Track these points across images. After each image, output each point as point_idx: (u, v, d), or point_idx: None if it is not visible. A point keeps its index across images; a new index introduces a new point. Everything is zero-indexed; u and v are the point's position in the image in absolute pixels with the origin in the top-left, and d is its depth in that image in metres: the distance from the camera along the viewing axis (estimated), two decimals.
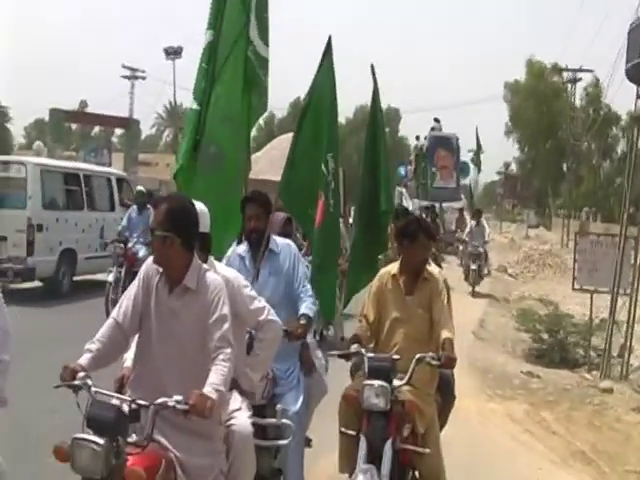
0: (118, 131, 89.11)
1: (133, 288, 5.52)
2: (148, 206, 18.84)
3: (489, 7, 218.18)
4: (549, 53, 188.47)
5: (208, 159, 8.03)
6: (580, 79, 76.19)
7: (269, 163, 25.18)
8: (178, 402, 4.85)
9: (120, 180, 25.21)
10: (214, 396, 4.87)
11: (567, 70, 76.25)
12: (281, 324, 6.52)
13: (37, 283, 21.36)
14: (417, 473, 7.05)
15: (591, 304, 18.04)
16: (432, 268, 7.48)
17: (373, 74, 9.84)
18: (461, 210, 40.53)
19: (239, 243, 7.84)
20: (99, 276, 22.85)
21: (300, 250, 8.47)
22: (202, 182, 7.89)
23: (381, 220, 10.21)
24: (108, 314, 6.24)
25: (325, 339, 14.25)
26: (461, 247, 32.00)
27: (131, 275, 16.71)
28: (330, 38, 8.53)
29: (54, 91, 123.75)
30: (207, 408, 4.78)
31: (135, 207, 19.73)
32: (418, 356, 6.65)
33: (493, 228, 68.43)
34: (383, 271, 7.58)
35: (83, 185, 22.59)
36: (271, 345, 6.40)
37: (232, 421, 5.83)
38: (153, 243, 5.30)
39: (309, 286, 7.57)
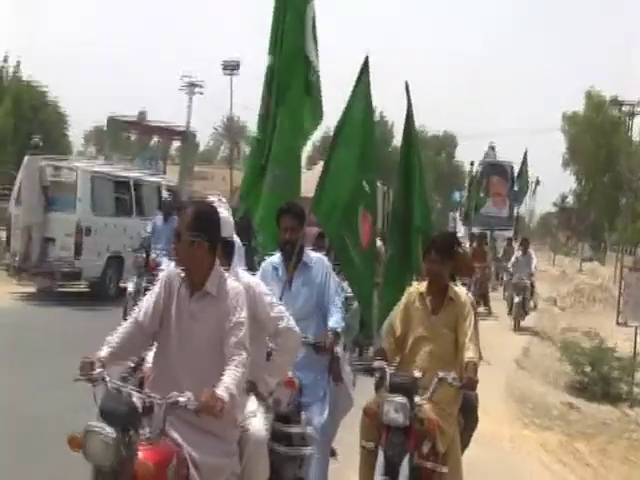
0: (176, 143, 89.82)
1: (155, 290, 5.61)
2: (174, 216, 18.59)
3: (547, 37, 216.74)
4: (608, 85, 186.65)
5: (274, 181, 8.82)
6: (638, 113, 75.52)
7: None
8: (189, 399, 4.92)
9: (171, 190, 25.41)
10: (225, 397, 4.93)
11: (625, 104, 75.70)
12: (299, 333, 6.57)
13: (84, 288, 21.60)
14: None
15: (635, 339, 17.81)
16: (459, 289, 7.45)
17: (407, 92, 9.81)
18: (510, 239, 38.51)
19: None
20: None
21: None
22: (268, 201, 8.61)
23: (412, 237, 10.05)
24: None
25: (364, 357, 14.14)
26: (505, 278, 30.67)
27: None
28: (367, 58, 8.60)
29: (116, 100, 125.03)
30: (217, 408, 4.85)
31: (160, 215, 19.17)
32: (440, 375, 6.64)
33: (546, 260, 68.27)
34: (412, 288, 7.59)
35: (132, 192, 22.82)
36: (289, 352, 6.48)
37: (247, 424, 5.87)
38: (180, 246, 5.37)
39: (339, 300, 7.67)
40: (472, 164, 52.73)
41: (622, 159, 73.93)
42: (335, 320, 7.46)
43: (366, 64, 8.62)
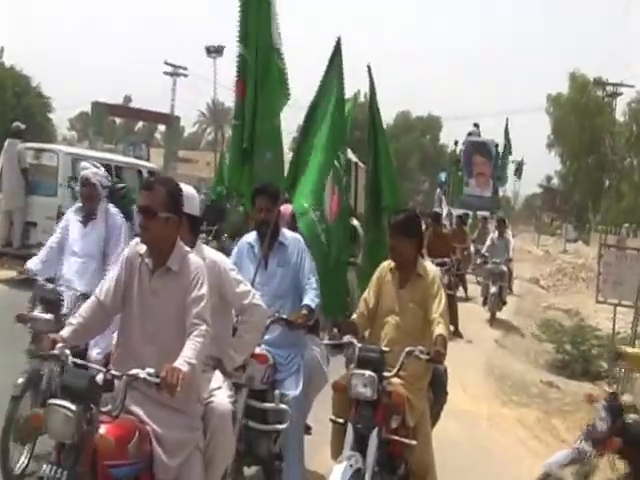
0: (162, 127, 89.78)
1: (116, 269, 5.68)
2: None
3: (533, 20, 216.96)
4: (593, 67, 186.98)
5: (265, 164, 9.05)
6: (621, 94, 75.80)
7: None
8: (150, 374, 4.97)
9: (152, 173, 25.38)
10: (185, 368, 4.96)
11: (609, 84, 75.94)
12: (265, 309, 6.56)
13: None
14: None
15: (614, 317, 17.89)
16: (429, 265, 7.47)
17: (370, 74, 9.94)
18: (485, 219, 34.77)
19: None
20: None
21: None
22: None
23: (383, 216, 10.15)
24: None
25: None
26: (479, 262, 26.76)
27: None
28: (339, 40, 8.75)
29: (100, 85, 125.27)
30: (176, 381, 4.86)
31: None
32: (408, 349, 6.67)
33: (531, 241, 68.43)
34: (385, 262, 7.58)
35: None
36: (255, 328, 6.44)
37: (211, 399, 5.87)
38: (153, 223, 5.37)
39: (314, 279, 7.73)
40: (456, 144, 50.61)
41: (606, 140, 74.23)
42: (310, 297, 7.54)
43: (338, 47, 8.74)
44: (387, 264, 7.53)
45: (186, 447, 5.43)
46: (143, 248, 5.55)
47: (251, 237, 7.86)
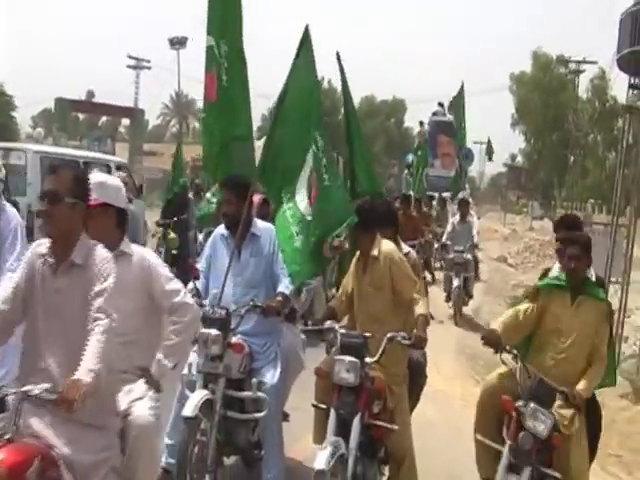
0: (126, 121, 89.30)
1: (17, 272, 5.28)
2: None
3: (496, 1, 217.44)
4: (555, 44, 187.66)
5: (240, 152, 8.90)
6: (584, 71, 76.14)
7: None
8: (47, 390, 4.57)
9: (120, 167, 25.43)
10: (88, 379, 4.53)
11: (571, 62, 76.21)
12: (197, 308, 6.35)
13: None
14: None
15: None
16: (385, 245, 7.49)
17: (339, 62, 10.01)
18: (443, 200, 32.38)
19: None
20: None
21: None
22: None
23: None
24: None
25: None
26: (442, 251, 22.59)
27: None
28: (307, 28, 8.67)
29: (62, 82, 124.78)
30: (77, 394, 4.41)
31: None
32: (389, 335, 6.79)
33: (497, 220, 68.69)
34: (357, 254, 7.71)
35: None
36: (186, 330, 6.00)
37: (131, 410, 5.50)
38: (58, 209, 5.04)
39: (286, 267, 7.81)
40: (421, 124, 48.67)
41: (569, 117, 74.52)
42: (284, 285, 7.58)
43: (306, 34, 8.68)
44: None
45: (100, 469, 4.92)
46: (44, 248, 5.13)
47: (223, 229, 7.91)
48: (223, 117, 8.92)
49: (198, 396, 6.87)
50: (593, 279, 7.59)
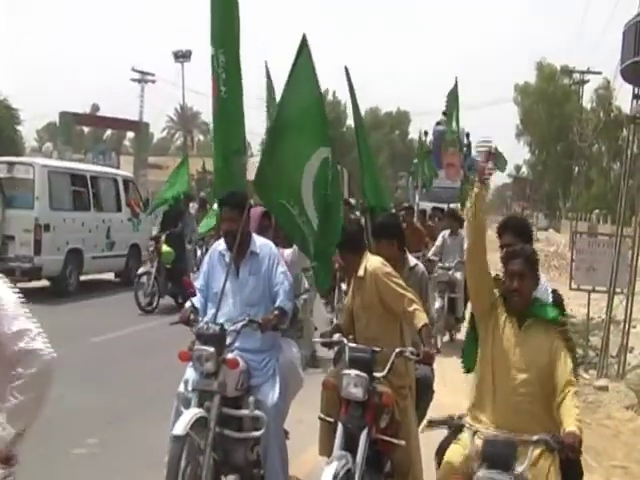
0: (130, 135, 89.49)
1: None
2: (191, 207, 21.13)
3: (497, 9, 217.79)
4: (559, 55, 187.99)
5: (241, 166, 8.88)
6: (588, 81, 76.20)
7: None
8: None
9: (126, 181, 25.59)
10: None
11: (575, 72, 76.27)
12: (49, 356, 4.17)
13: (45, 282, 21.72)
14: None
15: (588, 303, 18.22)
16: (368, 261, 7.46)
17: (347, 76, 10.00)
18: (438, 211, 28.39)
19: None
20: (105, 275, 23.31)
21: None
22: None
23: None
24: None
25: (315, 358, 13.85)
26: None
27: None
28: (304, 36, 8.26)
29: (68, 95, 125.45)
30: None
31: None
32: (398, 350, 6.80)
33: None
34: None
35: (90, 186, 22.98)
36: (32, 386, 4.24)
37: None
38: None
39: (287, 283, 7.64)
40: (426, 134, 44.04)
41: (574, 127, 74.59)
42: (281, 300, 7.46)
43: (304, 43, 8.26)
44: None
45: None
46: None
47: (222, 245, 7.82)
48: (222, 130, 8.84)
49: (190, 414, 6.81)
50: (549, 295, 6.63)
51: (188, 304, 7.67)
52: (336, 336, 7.22)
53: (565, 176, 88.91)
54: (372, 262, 7.42)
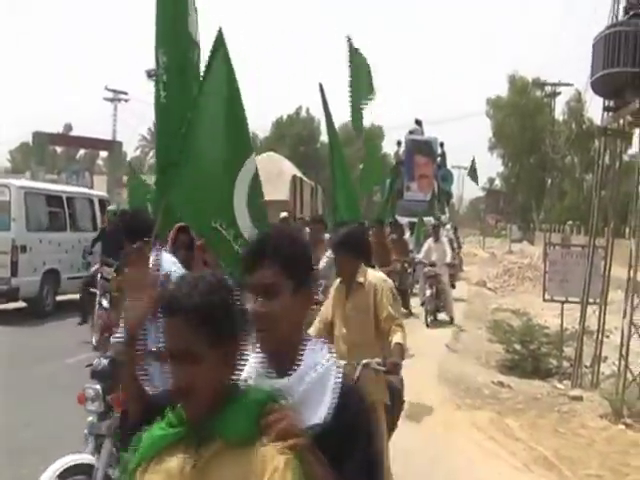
0: (104, 154, 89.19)
1: None
2: None
3: (469, 23, 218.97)
4: (531, 68, 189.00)
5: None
6: (559, 93, 76.70)
7: None
8: None
9: (102, 201, 25.60)
10: None
11: (547, 84, 76.71)
12: None
13: (22, 303, 21.70)
14: None
15: (562, 314, 18.38)
16: (371, 273, 7.61)
17: (322, 93, 10.10)
18: (397, 227, 26.00)
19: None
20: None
21: None
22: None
23: None
24: None
25: None
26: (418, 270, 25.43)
27: None
28: (220, 30, 7.35)
29: (40, 115, 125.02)
30: None
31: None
32: (364, 361, 6.85)
33: (477, 243, 68.95)
34: (338, 279, 7.78)
35: (66, 206, 22.99)
36: None
37: None
38: None
39: None
40: (399, 144, 44.86)
41: (546, 139, 75.03)
42: None
43: (220, 39, 7.33)
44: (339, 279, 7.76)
45: None
46: None
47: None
48: (160, 139, 8.44)
49: (59, 463, 6.16)
50: None
51: (113, 340, 7.07)
52: None
53: (538, 188, 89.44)
54: (374, 274, 7.63)
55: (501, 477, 10.11)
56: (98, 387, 6.34)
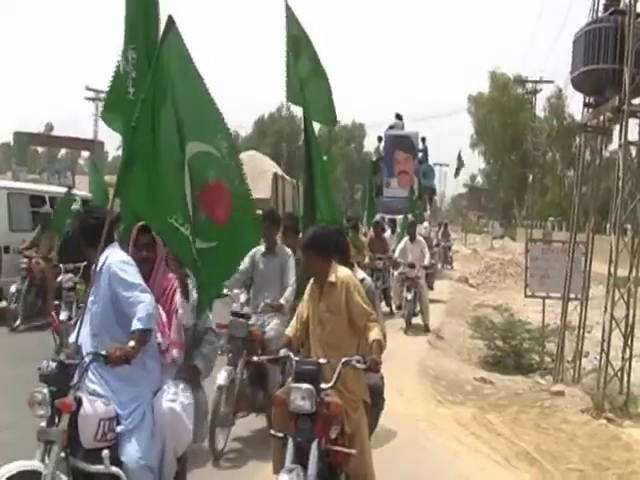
0: (85, 154, 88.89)
1: None
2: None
3: (450, 20, 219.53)
4: (512, 65, 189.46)
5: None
6: (540, 90, 76.84)
7: None
8: None
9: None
10: None
11: (528, 81, 76.87)
12: None
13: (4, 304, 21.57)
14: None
15: (543, 310, 18.48)
16: (341, 271, 7.53)
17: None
18: (377, 225, 25.25)
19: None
20: None
21: None
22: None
23: None
24: None
25: None
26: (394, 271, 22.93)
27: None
28: (170, 17, 6.89)
29: (21, 115, 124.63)
30: None
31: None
32: (344, 359, 6.81)
33: (459, 240, 69.02)
34: (312, 280, 7.71)
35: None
36: None
37: None
38: None
39: (143, 297, 6.46)
40: (380, 139, 42.55)
41: (528, 136, 75.26)
42: (138, 319, 6.33)
43: (170, 24, 6.87)
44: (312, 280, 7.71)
45: None
46: None
47: None
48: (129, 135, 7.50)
49: (7, 469, 5.86)
50: None
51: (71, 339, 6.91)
52: (282, 351, 7.23)
53: (520, 184, 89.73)
54: (343, 271, 7.53)
55: (483, 472, 10.08)
56: (46, 391, 6.03)
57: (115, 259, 6.63)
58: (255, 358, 8.56)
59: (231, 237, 7.38)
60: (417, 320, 21.20)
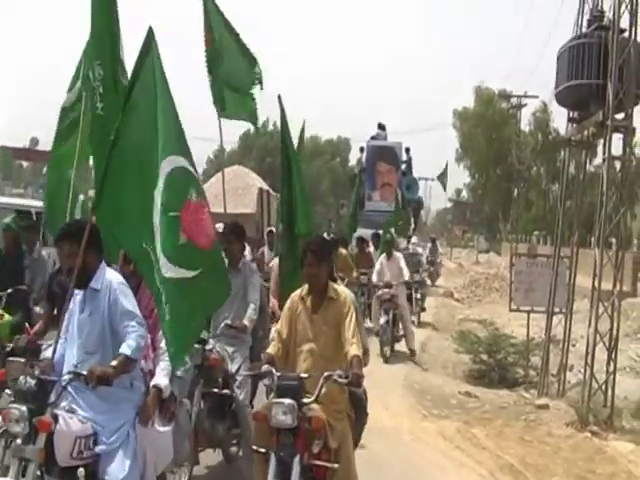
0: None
1: None
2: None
3: (435, 34, 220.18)
4: (497, 80, 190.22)
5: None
6: (525, 105, 77.04)
7: (213, 196, 25.29)
8: None
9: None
10: None
11: (513, 96, 77.07)
12: None
13: None
14: None
15: (528, 324, 18.49)
16: (340, 288, 7.63)
17: (280, 104, 10.12)
18: (361, 240, 24.31)
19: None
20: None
21: None
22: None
23: (298, 244, 9.44)
24: None
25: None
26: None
27: None
28: (150, 29, 6.57)
29: (5, 130, 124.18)
30: None
31: None
32: (326, 374, 6.80)
33: (444, 254, 69.12)
34: (295, 293, 7.70)
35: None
36: None
37: None
38: None
39: (135, 322, 6.30)
40: (362, 150, 40.57)
41: (512, 150, 75.45)
42: (128, 344, 6.17)
43: (149, 38, 6.52)
44: (297, 294, 7.67)
45: None
46: None
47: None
48: (96, 150, 7.87)
49: None
50: None
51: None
52: (264, 367, 7.16)
53: (505, 199, 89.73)
54: (344, 289, 7.69)
55: None
56: (24, 409, 5.86)
57: (116, 280, 6.48)
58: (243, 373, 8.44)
59: (216, 263, 6.95)
60: (400, 346, 19.69)
